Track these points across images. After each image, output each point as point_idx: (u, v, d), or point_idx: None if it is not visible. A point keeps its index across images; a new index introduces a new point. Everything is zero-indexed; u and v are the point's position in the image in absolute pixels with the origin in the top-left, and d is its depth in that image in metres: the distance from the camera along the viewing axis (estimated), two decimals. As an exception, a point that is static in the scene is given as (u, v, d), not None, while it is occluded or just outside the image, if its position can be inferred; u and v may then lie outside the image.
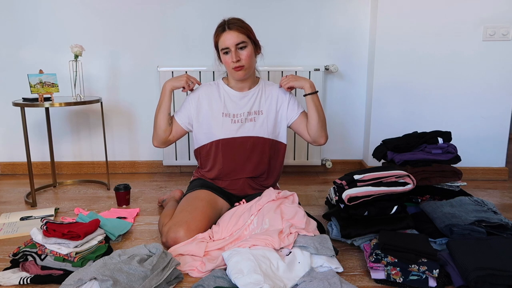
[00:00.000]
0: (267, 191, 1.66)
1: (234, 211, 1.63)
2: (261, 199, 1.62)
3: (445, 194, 1.78)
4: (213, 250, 1.47)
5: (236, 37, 1.66)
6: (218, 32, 1.71)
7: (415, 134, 1.93)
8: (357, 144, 2.74)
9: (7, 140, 2.73)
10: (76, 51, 2.16)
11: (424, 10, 2.37)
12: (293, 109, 1.83)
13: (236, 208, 1.64)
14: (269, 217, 1.52)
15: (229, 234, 1.54)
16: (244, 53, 1.68)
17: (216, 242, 1.51)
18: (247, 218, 1.56)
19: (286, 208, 1.56)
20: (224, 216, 1.63)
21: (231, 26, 1.67)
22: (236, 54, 1.67)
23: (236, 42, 1.66)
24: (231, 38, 1.66)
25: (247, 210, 1.60)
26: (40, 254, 1.36)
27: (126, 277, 1.17)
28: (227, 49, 1.68)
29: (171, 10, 2.54)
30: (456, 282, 1.25)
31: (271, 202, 1.59)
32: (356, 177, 1.60)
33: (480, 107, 2.46)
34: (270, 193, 1.63)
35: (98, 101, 2.22)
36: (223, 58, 1.73)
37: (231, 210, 1.66)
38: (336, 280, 1.25)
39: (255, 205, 1.60)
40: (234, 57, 1.66)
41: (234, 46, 1.67)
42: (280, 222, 1.49)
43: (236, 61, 1.67)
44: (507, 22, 2.35)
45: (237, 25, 1.68)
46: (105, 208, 2.06)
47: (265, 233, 1.43)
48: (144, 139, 2.73)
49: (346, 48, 2.60)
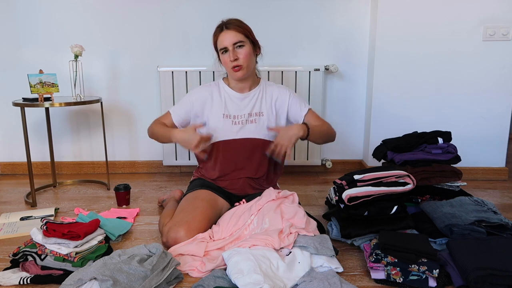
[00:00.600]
0: (267, 191, 1.66)
1: (234, 211, 1.63)
2: (261, 199, 1.62)
3: (445, 194, 1.78)
4: (213, 250, 1.47)
5: (234, 36, 1.67)
6: (216, 33, 1.73)
7: (415, 134, 1.93)
8: (357, 144, 2.74)
9: (7, 140, 2.73)
10: (76, 51, 2.16)
11: (424, 10, 2.37)
12: (296, 110, 1.83)
13: (236, 208, 1.65)
14: (269, 216, 1.52)
15: (229, 234, 1.54)
16: (242, 52, 1.68)
17: (216, 242, 1.51)
18: (247, 218, 1.56)
19: (286, 208, 1.56)
20: (224, 216, 1.63)
21: (229, 25, 1.69)
22: (233, 53, 1.68)
23: (234, 41, 1.67)
24: (228, 38, 1.67)
25: (247, 210, 1.61)
26: (40, 254, 1.36)
27: (126, 277, 1.17)
28: (225, 49, 1.69)
29: (171, 10, 2.54)
30: (456, 282, 1.25)
31: (271, 201, 1.59)
32: (356, 177, 1.60)
33: (480, 107, 2.46)
34: (270, 193, 1.63)
35: (98, 101, 2.22)
36: (222, 58, 1.73)
37: (231, 210, 1.66)
38: (336, 280, 1.25)
39: (255, 205, 1.60)
40: (232, 56, 1.67)
41: (232, 45, 1.67)
42: (280, 222, 1.49)
43: (234, 60, 1.68)
44: (507, 22, 2.35)
45: (234, 25, 1.69)
46: (105, 208, 2.06)
47: (265, 233, 1.43)
48: (144, 139, 2.72)
49: (346, 48, 2.60)
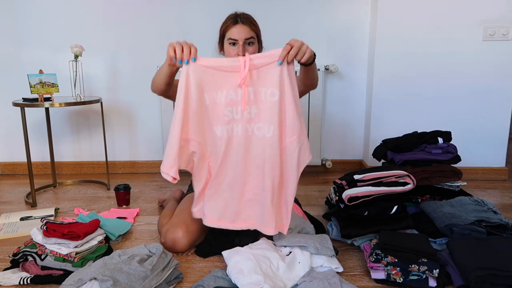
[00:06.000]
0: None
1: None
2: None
3: (445, 194, 1.78)
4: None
5: (248, 32, 1.65)
6: (229, 23, 1.68)
7: (415, 134, 1.93)
8: (357, 144, 2.74)
9: (7, 140, 2.73)
10: (76, 51, 2.16)
11: (424, 10, 2.37)
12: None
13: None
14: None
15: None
16: (250, 50, 1.66)
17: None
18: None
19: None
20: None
21: (244, 20, 1.66)
22: (243, 48, 1.65)
23: (246, 36, 1.64)
24: (242, 32, 1.64)
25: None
26: (40, 254, 1.36)
27: (126, 277, 1.17)
28: (235, 41, 1.65)
29: (171, 10, 2.54)
30: (456, 282, 1.25)
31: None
32: (356, 177, 1.60)
33: (480, 107, 2.46)
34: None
35: (98, 101, 2.22)
36: (228, 48, 1.69)
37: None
38: (336, 280, 1.25)
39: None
40: (241, 51, 1.64)
41: (243, 40, 1.65)
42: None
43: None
44: (507, 22, 2.35)
45: (249, 21, 1.67)
46: (105, 208, 2.06)
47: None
48: (144, 139, 2.73)
49: (346, 48, 2.59)
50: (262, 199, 1.42)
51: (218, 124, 1.39)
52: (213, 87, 1.37)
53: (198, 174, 1.46)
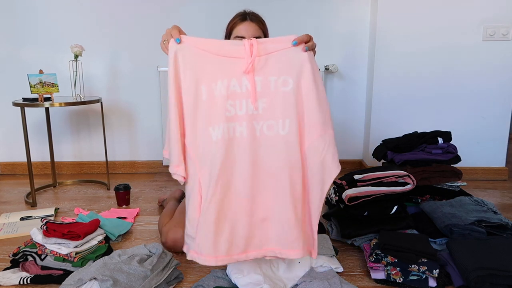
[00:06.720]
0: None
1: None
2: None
3: (445, 194, 1.78)
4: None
5: (256, 30, 1.63)
6: (237, 19, 1.66)
7: (415, 134, 1.93)
8: (357, 144, 2.74)
9: (7, 140, 2.72)
10: (76, 51, 2.16)
11: (424, 10, 2.37)
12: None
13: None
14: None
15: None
16: None
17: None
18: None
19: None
20: None
21: (253, 18, 1.64)
22: None
23: (254, 34, 1.62)
24: (250, 29, 1.62)
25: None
26: (40, 254, 1.36)
27: (126, 277, 1.17)
28: (242, 38, 1.62)
29: (171, 10, 2.54)
30: (456, 282, 1.25)
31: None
32: (356, 177, 1.60)
33: (480, 107, 2.46)
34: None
35: (98, 101, 2.22)
36: None
37: None
38: (336, 280, 1.25)
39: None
40: None
41: (250, 38, 1.64)
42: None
43: None
44: (507, 22, 2.35)
45: (258, 19, 1.66)
46: (105, 208, 2.06)
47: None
48: (144, 139, 2.73)
49: (346, 48, 2.60)
50: (281, 216, 1.13)
51: (215, 123, 1.12)
52: (210, 75, 1.12)
53: (188, 196, 1.18)
